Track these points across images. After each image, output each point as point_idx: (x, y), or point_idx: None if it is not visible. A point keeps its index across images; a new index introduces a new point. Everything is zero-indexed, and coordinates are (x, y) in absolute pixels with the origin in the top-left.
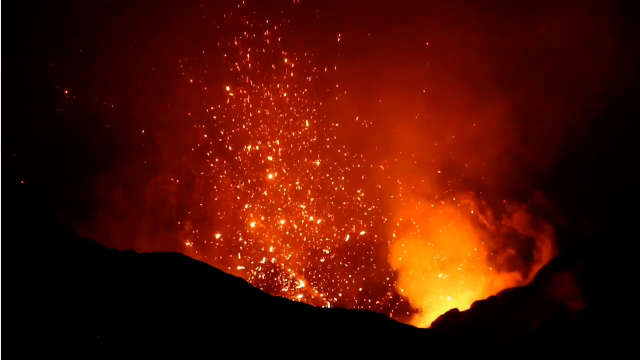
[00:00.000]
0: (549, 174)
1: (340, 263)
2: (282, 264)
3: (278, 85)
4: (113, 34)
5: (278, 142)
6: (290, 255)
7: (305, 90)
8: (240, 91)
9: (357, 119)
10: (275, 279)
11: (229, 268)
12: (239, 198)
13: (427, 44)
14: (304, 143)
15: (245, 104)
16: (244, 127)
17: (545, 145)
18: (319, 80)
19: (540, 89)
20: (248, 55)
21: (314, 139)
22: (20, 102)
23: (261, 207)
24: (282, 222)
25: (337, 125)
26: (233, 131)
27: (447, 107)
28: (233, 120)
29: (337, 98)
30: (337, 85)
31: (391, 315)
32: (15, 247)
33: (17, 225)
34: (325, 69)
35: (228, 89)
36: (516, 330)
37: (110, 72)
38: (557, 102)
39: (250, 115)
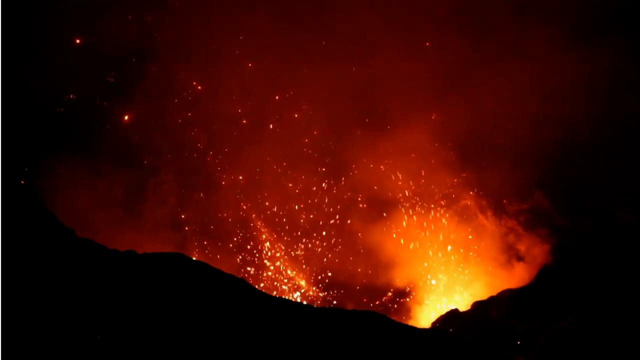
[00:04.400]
0: (549, 173)
1: (339, 262)
2: (283, 263)
3: (283, 87)
4: (113, 34)
5: (280, 142)
6: (291, 254)
7: (309, 91)
8: (242, 91)
9: (363, 119)
10: (276, 279)
11: (231, 267)
12: (239, 197)
13: (427, 44)
14: (306, 149)
15: (246, 104)
16: (244, 126)
17: (545, 145)
18: (322, 81)
19: (538, 88)
20: (251, 55)
21: (316, 138)
22: (21, 102)
23: (262, 206)
24: (283, 220)
25: (340, 126)
26: (233, 131)
27: (447, 107)
28: (233, 120)
29: (339, 100)
30: (339, 88)
31: (391, 315)
32: (15, 247)
33: (17, 225)
34: (325, 72)
35: (229, 89)
36: (516, 330)
37: (110, 72)
38: (557, 101)
39: (252, 115)
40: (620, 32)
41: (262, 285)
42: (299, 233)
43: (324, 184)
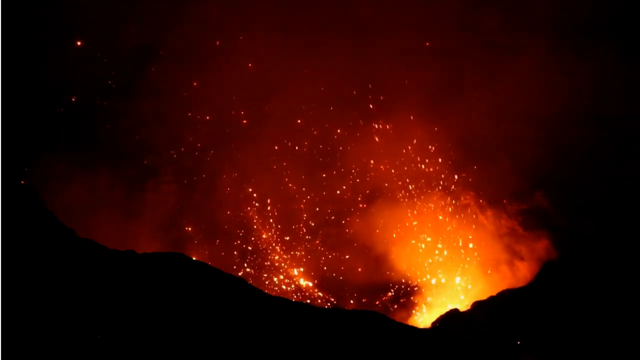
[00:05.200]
0: (549, 174)
1: (339, 262)
2: (284, 263)
3: (283, 87)
4: (113, 34)
5: (280, 142)
6: (291, 254)
7: (309, 91)
8: (242, 92)
9: (360, 119)
10: (277, 279)
11: (231, 267)
12: (239, 197)
13: (427, 44)
14: (306, 149)
15: (246, 104)
16: (244, 126)
17: (545, 145)
18: (322, 81)
19: (538, 88)
20: (251, 56)
21: (316, 138)
22: (21, 102)
23: (262, 206)
24: (283, 220)
25: (340, 127)
26: (234, 131)
27: (446, 107)
28: (234, 120)
29: (337, 101)
30: (336, 90)
31: (391, 316)
32: (16, 247)
33: (17, 225)
34: (323, 72)
35: (229, 89)
36: (516, 330)
37: (110, 72)
38: (557, 101)
39: (252, 115)
40: (619, 35)
41: (262, 285)
42: (299, 233)
43: (324, 184)
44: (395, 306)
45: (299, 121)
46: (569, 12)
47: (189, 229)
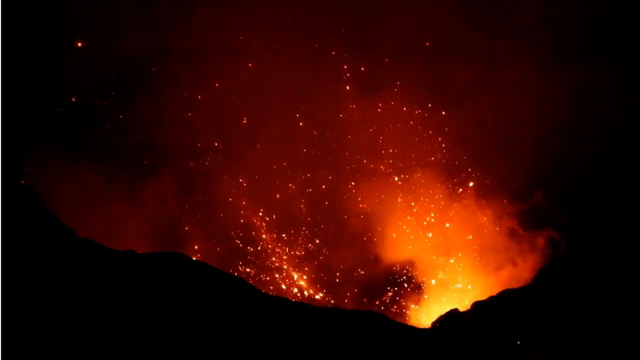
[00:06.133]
0: (549, 174)
1: (339, 261)
2: (283, 263)
3: (283, 87)
4: (113, 33)
5: (280, 143)
6: (291, 254)
7: (309, 90)
8: (242, 91)
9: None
10: (277, 278)
11: (231, 267)
12: (239, 197)
13: (427, 44)
14: (306, 149)
15: (246, 104)
16: (244, 126)
17: (545, 145)
18: (322, 81)
19: (538, 88)
20: (251, 55)
21: (316, 138)
22: (21, 102)
23: (262, 206)
24: (283, 220)
25: (337, 126)
26: (234, 131)
27: (446, 107)
28: (234, 120)
29: (336, 100)
30: (334, 89)
31: (391, 316)
32: (16, 247)
33: (17, 225)
34: (318, 74)
35: (229, 89)
36: (516, 330)
37: (110, 72)
38: (557, 101)
39: (252, 115)
40: (620, 36)
41: (261, 285)
42: (299, 233)
43: (324, 184)
44: (395, 306)
45: (299, 122)
46: (570, 13)
47: (189, 229)
